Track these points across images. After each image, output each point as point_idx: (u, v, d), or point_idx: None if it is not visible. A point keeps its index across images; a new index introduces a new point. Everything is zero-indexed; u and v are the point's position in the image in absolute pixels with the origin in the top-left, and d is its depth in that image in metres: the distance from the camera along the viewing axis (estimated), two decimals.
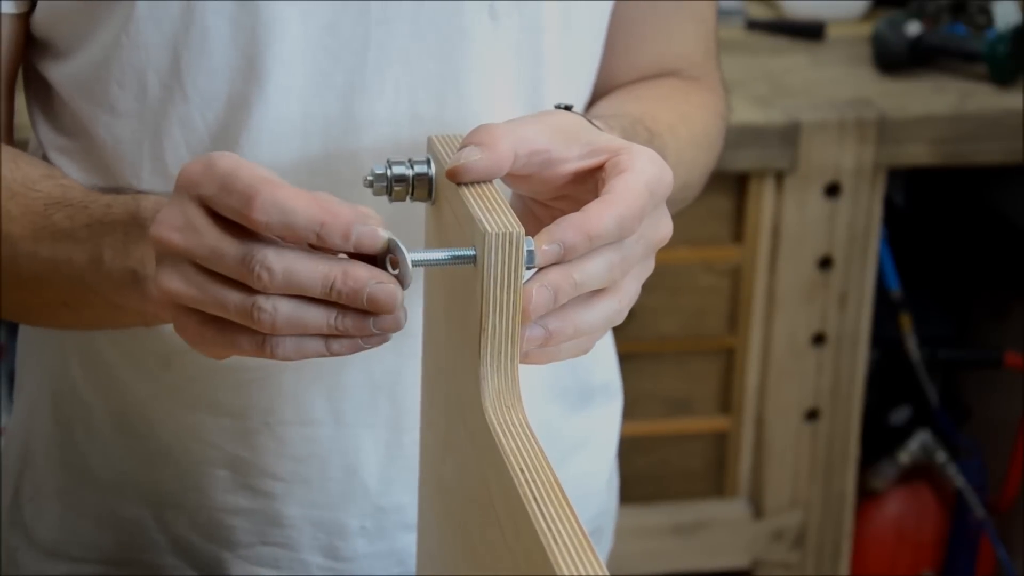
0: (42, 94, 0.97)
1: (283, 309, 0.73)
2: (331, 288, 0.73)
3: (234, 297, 0.73)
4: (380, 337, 0.75)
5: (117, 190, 0.92)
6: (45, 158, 0.98)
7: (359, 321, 0.74)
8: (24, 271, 0.89)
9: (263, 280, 0.72)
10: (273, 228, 0.72)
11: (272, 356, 0.75)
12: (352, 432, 0.99)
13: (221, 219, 0.74)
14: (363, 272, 0.73)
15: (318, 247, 0.73)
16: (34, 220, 0.88)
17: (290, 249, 0.73)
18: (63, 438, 1.05)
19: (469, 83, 0.93)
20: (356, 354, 0.96)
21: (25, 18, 0.93)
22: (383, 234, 0.73)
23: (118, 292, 0.84)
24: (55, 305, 0.91)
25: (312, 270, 0.72)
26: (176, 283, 0.75)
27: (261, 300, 0.73)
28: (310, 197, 0.72)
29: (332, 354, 0.76)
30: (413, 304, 0.93)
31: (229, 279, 0.74)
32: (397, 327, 0.75)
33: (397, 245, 0.73)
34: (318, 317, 0.74)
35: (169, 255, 0.75)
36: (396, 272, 0.74)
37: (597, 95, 1.03)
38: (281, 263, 0.72)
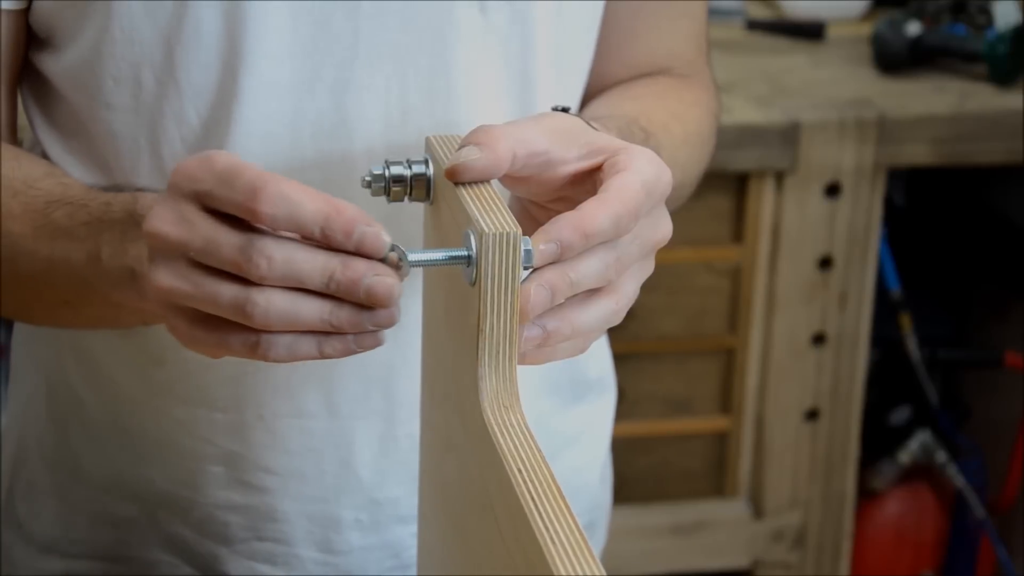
0: (40, 91, 0.98)
1: (277, 303, 0.73)
2: (330, 278, 0.73)
3: (227, 291, 0.73)
4: (373, 337, 0.75)
5: (117, 188, 0.92)
6: (44, 156, 0.98)
7: (354, 315, 0.74)
8: (25, 270, 0.89)
9: (261, 268, 0.72)
10: (278, 220, 0.72)
11: (264, 357, 0.75)
12: (346, 425, 0.99)
13: (216, 215, 0.74)
14: (362, 265, 0.73)
15: (318, 244, 0.73)
16: (34, 218, 0.88)
17: (289, 240, 0.73)
18: (57, 435, 1.05)
19: (460, 77, 0.94)
20: None
21: (24, 14, 0.93)
22: (386, 238, 0.73)
23: (116, 290, 0.85)
24: (56, 304, 0.91)
25: (311, 260, 0.72)
26: (168, 279, 0.75)
27: (255, 294, 0.73)
28: (316, 192, 0.73)
29: (323, 356, 0.75)
30: (411, 302, 0.93)
31: (223, 274, 0.74)
32: (391, 322, 0.75)
33: (397, 246, 0.73)
34: (312, 311, 0.73)
35: (162, 250, 0.75)
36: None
37: (590, 94, 1.04)
38: (281, 252, 0.72)
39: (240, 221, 0.74)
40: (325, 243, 0.73)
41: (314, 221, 0.72)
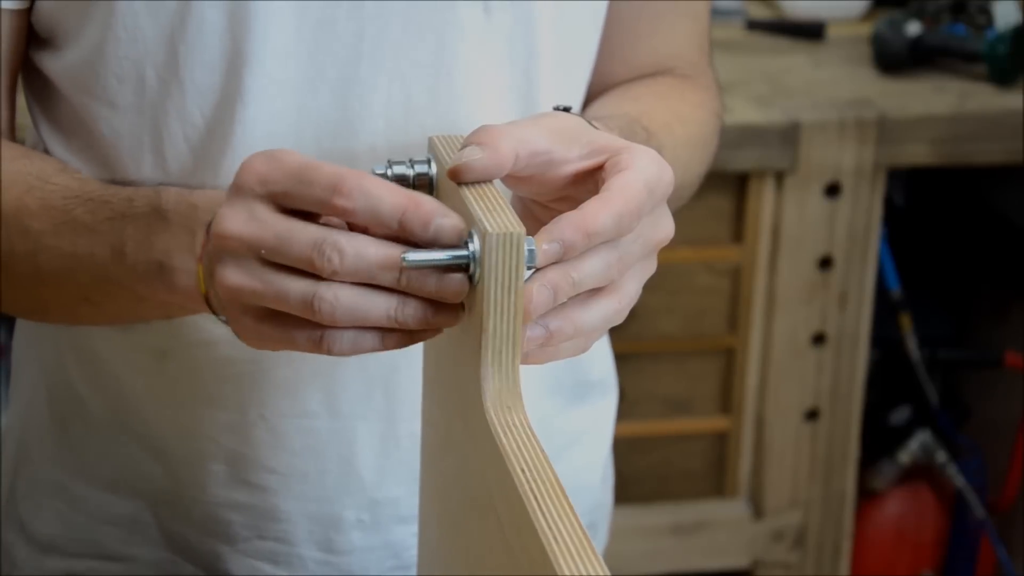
0: (42, 91, 0.98)
1: (344, 298, 0.73)
2: (401, 273, 0.73)
3: (296, 287, 0.74)
4: (433, 333, 0.76)
5: (132, 183, 0.92)
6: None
7: (420, 310, 0.74)
8: (45, 266, 0.89)
9: (334, 263, 0.72)
10: (358, 214, 0.73)
11: (328, 351, 0.75)
12: (347, 424, 0.99)
13: (285, 213, 0.75)
14: None
15: (389, 236, 0.74)
16: (53, 215, 0.88)
17: (359, 235, 0.74)
18: (59, 433, 1.05)
19: (462, 77, 0.94)
20: None
21: (26, 13, 0.93)
22: (461, 225, 0.73)
23: (143, 284, 0.85)
24: (76, 300, 0.91)
25: (383, 254, 0.73)
26: (238, 278, 0.75)
27: (323, 289, 0.73)
28: (393, 185, 0.74)
29: (385, 349, 0.76)
30: None
31: (291, 271, 0.74)
32: (455, 322, 0.75)
33: (472, 237, 0.73)
34: (379, 306, 0.74)
35: (233, 250, 0.75)
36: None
37: (593, 94, 1.04)
38: (353, 246, 0.73)
39: (307, 217, 0.74)
40: (403, 235, 0.73)
41: (392, 214, 0.73)
